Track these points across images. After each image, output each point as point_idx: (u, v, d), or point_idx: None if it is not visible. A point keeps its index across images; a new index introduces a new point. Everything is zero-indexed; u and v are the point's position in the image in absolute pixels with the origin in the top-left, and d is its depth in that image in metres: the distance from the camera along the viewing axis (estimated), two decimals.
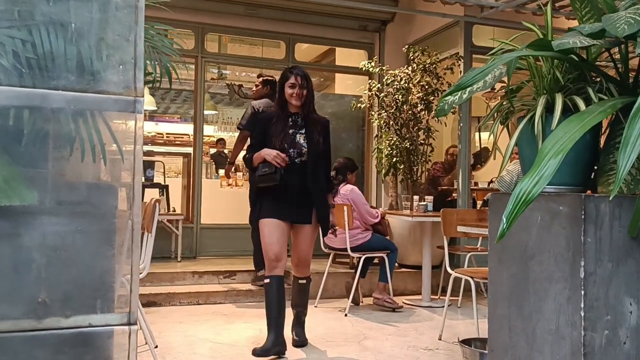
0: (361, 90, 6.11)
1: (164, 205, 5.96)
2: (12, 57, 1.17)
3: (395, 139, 5.74)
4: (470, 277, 3.56)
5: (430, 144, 5.80)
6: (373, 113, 6.04)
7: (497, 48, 2.04)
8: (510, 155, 1.98)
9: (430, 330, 4.09)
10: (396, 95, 5.68)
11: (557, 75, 1.76)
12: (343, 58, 7.19)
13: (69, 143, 1.22)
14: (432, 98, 5.62)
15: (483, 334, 3.11)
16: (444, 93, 1.94)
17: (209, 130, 8.90)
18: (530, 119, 1.77)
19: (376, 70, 5.85)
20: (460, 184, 5.70)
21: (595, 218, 1.58)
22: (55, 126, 1.21)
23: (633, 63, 1.85)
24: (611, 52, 1.86)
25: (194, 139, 6.43)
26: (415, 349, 3.61)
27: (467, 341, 2.88)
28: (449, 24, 5.88)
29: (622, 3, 1.75)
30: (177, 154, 7.38)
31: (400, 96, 5.66)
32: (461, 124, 5.72)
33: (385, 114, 5.82)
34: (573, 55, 1.77)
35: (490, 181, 6.34)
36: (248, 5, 6.19)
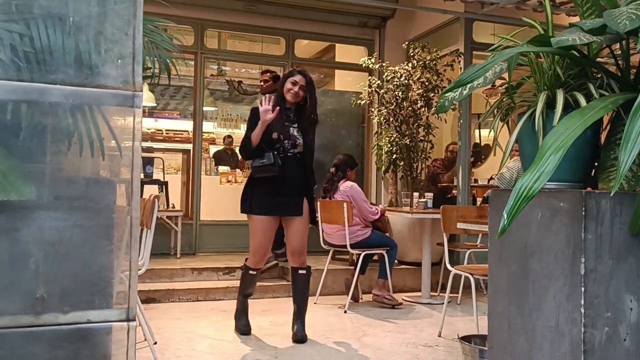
0: (361, 87, 6.09)
1: (163, 201, 5.95)
2: (10, 51, 1.16)
3: (395, 136, 5.73)
4: (470, 274, 3.56)
5: (430, 141, 5.79)
6: (373, 110, 6.03)
7: (498, 44, 2.03)
8: (510, 152, 1.97)
9: (430, 327, 4.09)
10: (396, 92, 5.67)
11: (558, 71, 1.75)
12: (343, 54, 7.18)
13: (67, 137, 1.21)
14: (432, 95, 5.61)
15: (483, 331, 3.11)
16: (444, 89, 1.93)
17: (209, 126, 8.89)
18: (531, 115, 1.76)
19: (376, 66, 5.84)
20: (460, 181, 5.69)
21: (596, 215, 1.57)
22: (53, 120, 1.20)
23: (634, 59, 1.84)
24: (612, 48, 1.85)
25: (193, 136, 6.42)
26: (414, 346, 3.61)
27: (467, 338, 2.88)
28: (449, 21, 5.86)
29: None
30: (177, 151, 7.36)
31: (400, 93, 5.65)
32: (461, 121, 5.71)
33: (385, 110, 5.81)
34: (574, 51, 1.76)
35: (490, 178, 6.34)
36: (248, 1, 6.17)
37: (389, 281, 4.71)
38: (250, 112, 3.80)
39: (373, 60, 5.86)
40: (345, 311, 4.51)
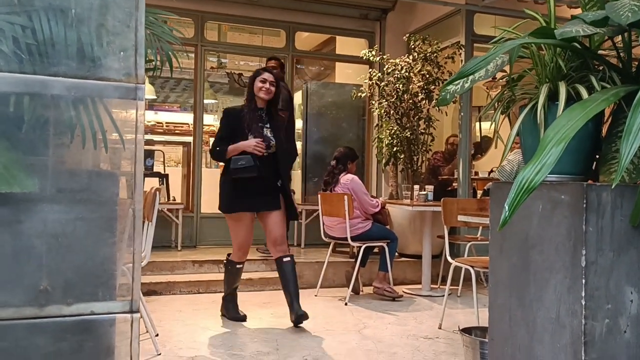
0: (362, 80, 6.08)
1: (164, 194, 5.95)
2: (12, 43, 1.16)
3: (395, 129, 5.73)
4: (471, 266, 3.56)
5: (431, 134, 5.79)
6: (373, 102, 6.02)
7: (499, 36, 2.02)
8: (511, 145, 1.97)
9: (430, 319, 4.11)
10: (397, 85, 5.66)
11: (560, 63, 1.75)
12: (343, 47, 7.15)
13: (70, 130, 1.21)
14: (433, 87, 5.59)
15: (483, 323, 3.12)
16: (446, 82, 1.93)
17: (209, 119, 8.87)
18: (533, 107, 1.76)
19: (377, 59, 5.82)
20: (461, 174, 5.70)
21: (597, 207, 1.57)
22: (55, 113, 1.20)
23: (636, 51, 1.84)
24: (614, 40, 1.84)
25: (194, 128, 6.42)
26: (415, 338, 3.62)
27: (468, 330, 2.88)
28: (450, 13, 5.84)
29: None
30: (177, 143, 7.35)
31: (400, 85, 5.64)
32: (462, 114, 5.70)
33: (386, 103, 5.80)
34: (576, 43, 1.76)
35: (491, 171, 6.34)
36: None
37: (389, 273, 4.72)
38: (223, 114, 3.94)
39: (374, 52, 5.84)
40: (345, 303, 4.53)
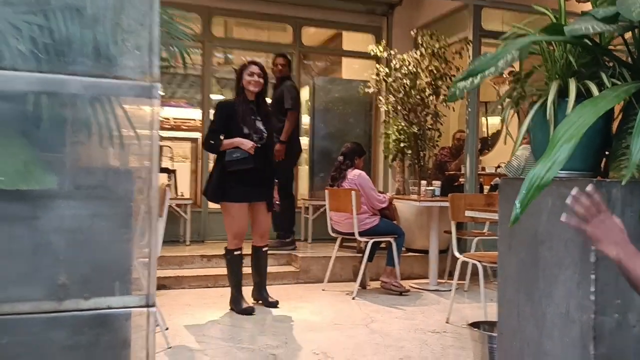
0: (369, 75, 6.07)
1: (172, 189, 5.99)
2: (30, 43, 1.18)
3: (403, 124, 5.72)
4: (478, 261, 3.57)
5: (438, 129, 5.78)
6: (381, 98, 6.02)
7: (509, 33, 2.02)
8: (521, 141, 1.98)
9: (438, 313, 4.13)
10: (404, 80, 5.65)
11: (571, 59, 1.75)
12: (350, 42, 7.14)
13: (87, 128, 1.23)
14: (441, 83, 5.58)
15: (491, 318, 3.13)
16: (456, 78, 1.93)
17: None
18: (543, 104, 1.77)
19: (384, 54, 5.81)
20: (468, 169, 5.69)
21: (607, 203, 1.58)
22: (72, 111, 1.22)
23: None
24: (625, 37, 1.84)
25: (201, 124, 6.44)
26: (422, 332, 3.64)
27: (475, 324, 2.90)
28: (457, 8, 5.82)
29: None
30: (184, 139, 7.37)
31: (408, 81, 5.63)
32: (469, 109, 5.69)
33: (393, 99, 5.80)
34: (586, 40, 1.76)
35: (498, 166, 6.33)
36: None
37: (396, 268, 4.74)
38: (216, 107, 3.97)
39: (381, 48, 5.83)
40: (353, 298, 4.55)
